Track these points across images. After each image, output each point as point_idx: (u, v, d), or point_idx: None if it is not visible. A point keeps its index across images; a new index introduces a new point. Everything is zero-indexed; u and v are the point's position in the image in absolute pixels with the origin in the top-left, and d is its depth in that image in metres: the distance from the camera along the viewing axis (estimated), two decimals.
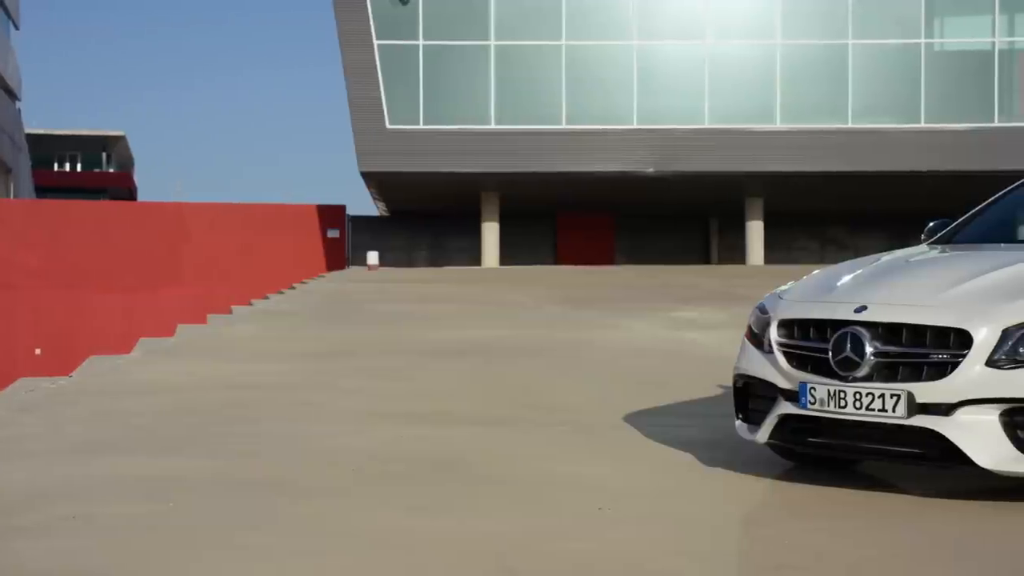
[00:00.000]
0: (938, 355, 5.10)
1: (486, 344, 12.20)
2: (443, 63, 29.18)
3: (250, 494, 5.50)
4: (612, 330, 13.74)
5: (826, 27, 29.10)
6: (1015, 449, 4.98)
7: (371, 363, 10.66)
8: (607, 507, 5.22)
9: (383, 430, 7.22)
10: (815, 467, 5.96)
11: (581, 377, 9.92)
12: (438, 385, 9.37)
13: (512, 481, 5.82)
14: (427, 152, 28.65)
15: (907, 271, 5.93)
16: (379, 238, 36.34)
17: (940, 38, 29.84)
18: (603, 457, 6.41)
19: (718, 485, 5.72)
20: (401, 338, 12.83)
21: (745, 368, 5.85)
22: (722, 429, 6.78)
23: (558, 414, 7.89)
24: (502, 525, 4.93)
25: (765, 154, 28.68)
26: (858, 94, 29.03)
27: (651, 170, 28.84)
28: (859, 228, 36.12)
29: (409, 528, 4.88)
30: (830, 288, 5.75)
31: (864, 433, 5.28)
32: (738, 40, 29.25)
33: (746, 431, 5.87)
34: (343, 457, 6.37)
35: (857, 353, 5.23)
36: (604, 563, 4.40)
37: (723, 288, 20.42)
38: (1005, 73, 29.33)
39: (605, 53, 29.31)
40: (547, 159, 28.78)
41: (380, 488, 5.65)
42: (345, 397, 8.64)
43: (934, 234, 6.78)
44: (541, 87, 29.19)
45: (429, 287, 21.63)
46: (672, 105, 29.08)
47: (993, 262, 5.66)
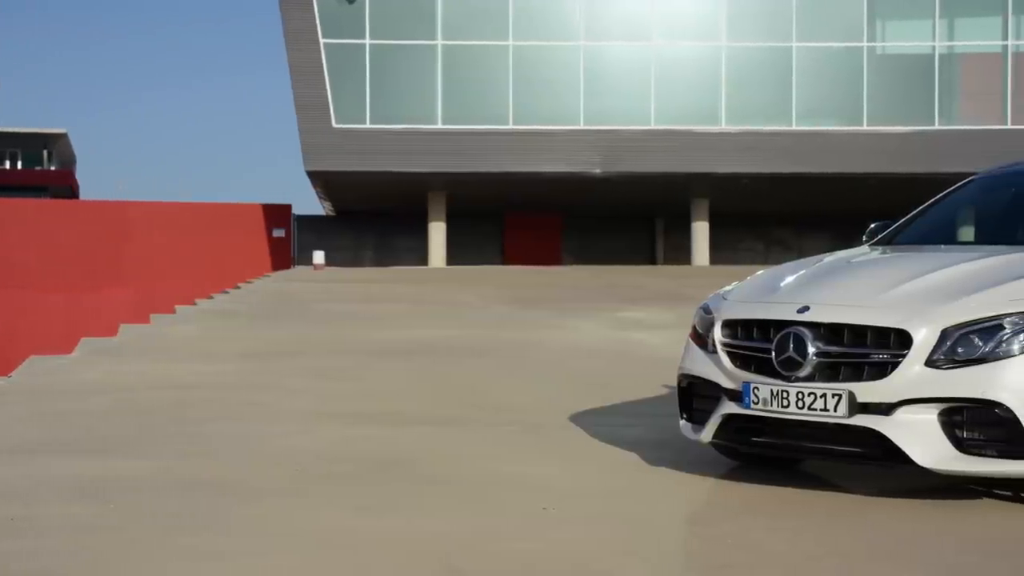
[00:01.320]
0: (879, 355, 5.16)
1: (433, 344, 12.19)
2: (390, 62, 29.10)
3: (195, 495, 5.46)
4: (559, 330, 13.77)
5: (771, 29, 29.35)
6: (953, 448, 5.05)
7: (317, 363, 10.62)
8: (553, 507, 5.23)
9: (330, 430, 7.20)
10: (759, 466, 6.01)
11: (528, 377, 9.94)
12: (385, 385, 9.35)
13: (458, 481, 5.82)
14: (374, 151, 28.56)
15: (849, 272, 6.00)
16: (325, 238, 36.17)
17: (882, 42, 30.20)
18: (550, 457, 6.43)
19: (664, 485, 5.76)
20: (348, 338, 12.78)
21: (689, 368, 5.89)
22: (668, 429, 6.82)
23: (505, 414, 7.90)
24: (448, 525, 4.94)
25: (711, 155, 28.88)
26: (802, 96, 29.30)
27: (598, 171, 28.95)
28: (804, 229, 36.46)
29: (355, 528, 4.87)
30: (773, 289, 5.81)
31: (807, 433, 5.34)
32: (684, 42, 29.43)
33: (690, 431, 5.91)
34: (289, 457, 6.34)
35: (799, 353, 5.28)
36: (549, 563, 4.42)
37: (669, 288, 20.53)
38: (945, 77, 29.74)
39: (552, 54, 29.37)
40: (494, 159, 28.80)
41: (326, 488, 5.63)
42: (291, 397, 8.59)
43: (876, 235, 6.86)
44: (488, 87, 29.20)
45: (376, 287, 21.57)
46: (619, 106, 29.20)
47: (933, 263, 5.75)
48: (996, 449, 5.01)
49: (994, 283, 5.31)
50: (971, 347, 5.05)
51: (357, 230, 36.93)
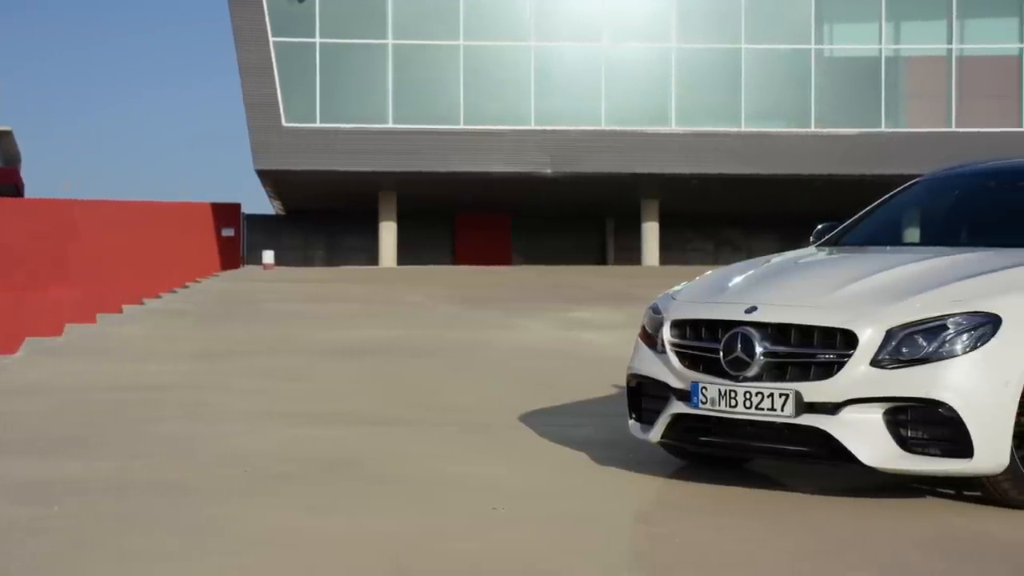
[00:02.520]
0: (825, 355, 5.21)
1: (382, 344, 12.16)
2: (340, 61, 28.98)
3: (142, 496, 5.41)
4: (509, 330, 13.78)
5: (720, 31, 29.52)
6: (898, 447, 5.11)
7: (266, 363, 10.55)
8: (501, 507, 5.23)
9: (278, 430, 7.16)
10: (708, 466, 6.04)
11: (477, 377, 9.94)
12: (334, 385, 9.31)
13: (407, 481, 5.81)
14: (324, 151, 28.43)
15: (796, 272, 6.05)
16: (275, 237, 35.95)
17: (829, 44, 30.47)
18: (498, 457, 6.43)
19: (612, 484, 5.78)
20: (297, 338, 12.72)
21: (638, 368, 5.91)
22: (617, 429, 6.84)
23: (454, 414, 7.89)
24: (396, 525, 4.92)
25: (660, 156, 29.00)
26: (751, 98, 29.50)
27: (548, 171, 28.99)
28: (753, 230, 36.72)
29: (303, 528, 4.84)
30: (722, 289, 5.84)
31: (754, 432, 5.37)
32: (634, 43, 29.54)
33: (639, 430, 5.93)
34: (237, 458, 6.29)
35: (747, 353, 5.32)
36: (498, 563, 4.41)
37: (619, 288, 20.60)
38: (891, 80, 30.06)
39: (503, 54, 29.38)
40: (445, 159, 28.76)
41: (274, 489, 5.60)
42: (239, 397, 8.54)
43: (822, 236, 6.92)
44: (439, 87, 29.15)
45: (325, 287, 21.48)
46: (569, 106, 29.26)
47: (879, 264, 5.81)
48: (939, 448, 5.07)
49: (938, 284, 5.37)
50: (915, 347, 5.11)
51: (307, 230, 36.74)
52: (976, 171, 7.08)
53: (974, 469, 5.06)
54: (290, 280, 23.49)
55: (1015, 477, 5.09)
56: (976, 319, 5.11)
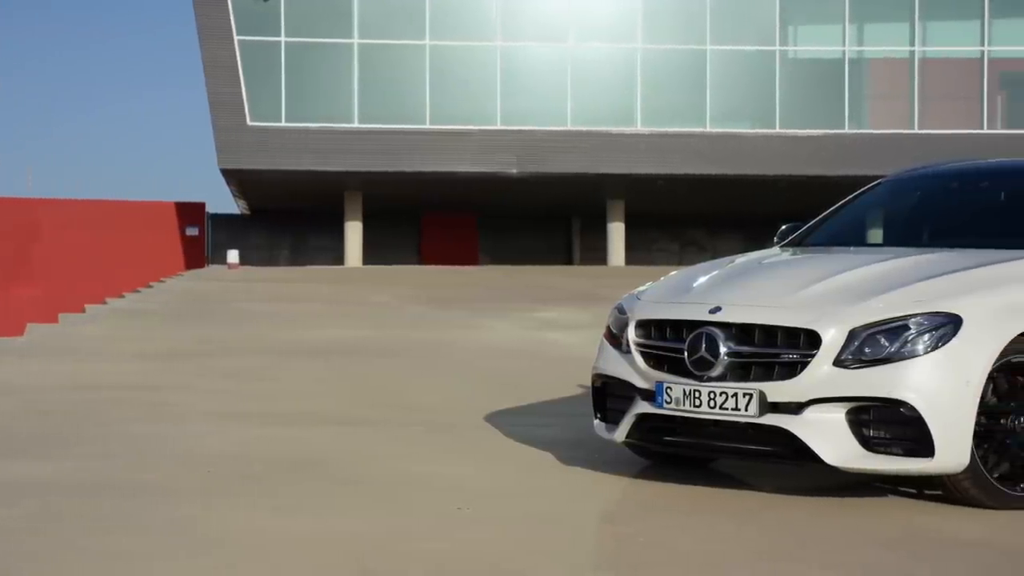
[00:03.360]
0: (789, 355, 5.24)
1: (348, 344, 12.13)
2: (306, 60, 28.88)
3: (105, 497, 5.38)
4: (475, 330, 13.78)
5: (685, 32, 29.62)
6: (860, 447, 5.14)
7: (230, 363, 10.51)
8: (466, 507, 5.23)
9: (241, 431, 7.13)
10: (672, 465, 6.06)
11: (443, 377, 9.93)
12: (299, 385, 9.28)
13: (371, 481, 5.79)
14: (289, 150, 28.32)
15: (760, 273, 6.08)
16: (240, 237, 35.79)
17: (794, 46, 30.63)
18: (464, 457, 6.43)
19: (578, 484, 5.79)
20: (261, 338, 12.67)
21: (603, 368, 5.92)
22: (583, 429, 6.86)
23: (420, 414, 7.88)
24: (360, 525, 4.91)
25: (626, 156, 29.07)
26: (716, 99, 29.62)
27: (514, 171, 29.00)
28: (718, 230, 36.87)
29: (267, 529, 4.82)
30: (686, 289, 5.86)
31: (718, 432, 5.40)
32: (600, 43, 29.59)
33: (604, 430, 5.94)
34: (201, 458, 6.26)
35: (712, 353, 5.34)
36: (462, 563, 4.41)
37: (585, 288, 20.64)
38: (855, 81, 30.26)
39: (469, 54, 29.36)
40: (411, 159, 28.71)
41: (238, 489, 5.57)
42: (203, 398, 8.49)
43: (786, 237, 6.96)
44: (405, 87, 29.10)
45: (291, 286, 21.40)
46: (535, 106, 29.27)
47: (842, 264, 5.84)
48: (901, 447, 5.11)
49: (901, 284, 5.41)
50: (878, 347, 5.15)
51: (272, 229, 36.58)
52: (939, 172, 7.14)
53: (935, 468, 5.10)
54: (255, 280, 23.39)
55: (975, 476, 5.14)
56: (938, 319, 5.16)
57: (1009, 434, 5.23)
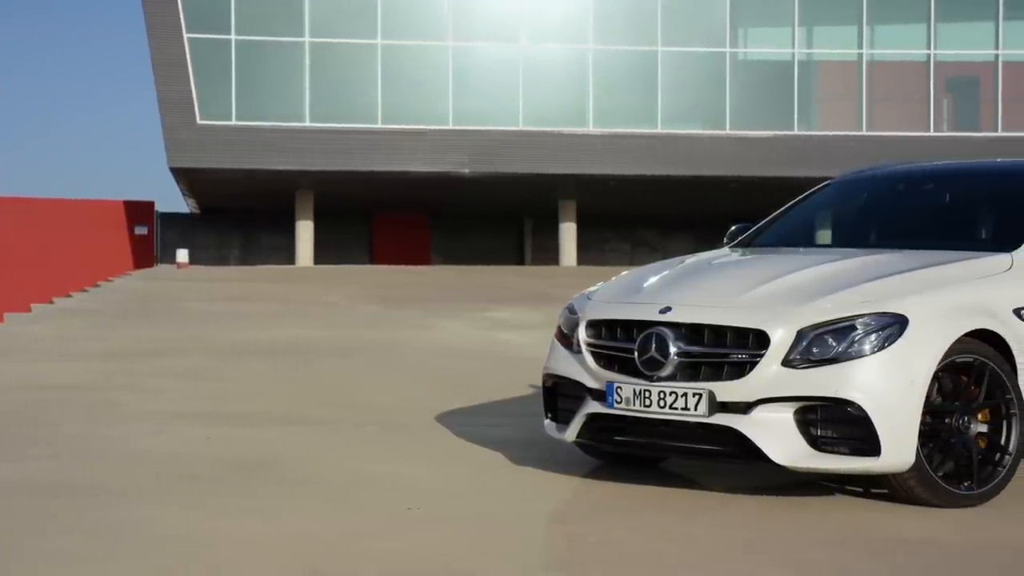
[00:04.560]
0: (738, 355, 5.27)
1: (299, 344, 12.07)
2: (256, 59, 28.70)
3: (51, 498, 5.32)
4: (427, 330, 13.76)
5: (637, 33, 29.74)
6: (808, 446, 5.18)
7: (179, 363, 10.43)
8: (418, 507, 5.23)
9: (190, 431, 7.07)
10: (623, 465, 6.09)
11: (395, 377, 9.91)
12: (249, 385, 9.22)
13: (323, 481, 5.77)
14: (240, 149, 28.13)
15: (710, 273, 6.12)
16: (189, 236, 35.51)
17: (744, 48, 30.84)
18: (415, 457, 6.42)
19: (529, 484, 5.80)
20: (212, 338, 12.58)
21: (554, 368, 5.94)
22: (534, 428, 6.87)
23: (371, 414, 7.86)
24: (310, 526, 4.89)
25: (578, 157, 29.14)
26: (667, 100, 29.76)
27: (466, 171, 28.98)
28: (669, 230, 37.05)
29: (215, 530, 4.79)
30: (637, 289, 5.88)
31: (668, 431, 5.42)
32: (551, 44, 29.64)
33: (555, 430, 5.95)
34: (149, 459, 6.21)
35: (661, 353, 5.36)
36: (412, 563, 4.41)
37: (537, 288, 20.67)
38: (804, 83, 30.51)
39: (421, 53, 29.31)
40: (363, 158, 28.61)
41: (186, 490, 5.53)
42: (152, 398, 8.42)
43: (736, 237, 7.01)
44: (357, 86, 29.00)
45: (241, 286, 21.26)
46: (487, 106, 29.27)
47: (791, 265, 5.89)
48: (848, 446, 5.16)
49: (848, 285, 5.46)
50: (825, 347, 5.19)
51: (223, 228, 36.33)
52: (886, 174, 7.22)
53: (881, 467, 5.16)
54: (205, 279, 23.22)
55: (921, 475, 5.20)
56: (884, 319, 5.21)
57: (954, 433, 5.30)
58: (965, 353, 5.31)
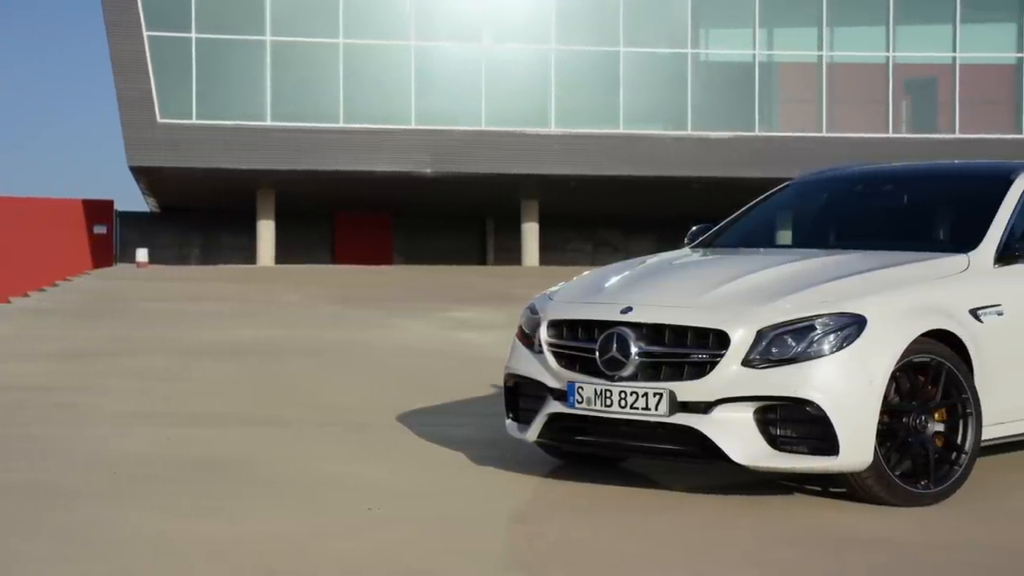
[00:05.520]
0: (698, 355, 5.29)
1: (261, 344, 12.01)
2: (217, 57, 28.52)
3: (6, 499, 5.27)
4: (389, 330, 13.74)
5: (599, 34, 29.79)
6: (768, 445, 5.22)
7: (139, 363, 10.35)
8: (378, 507, 5.22)
9: (150, 432, 7.03)
10: (584, 465, 6.10)
11: (356, 377, 9.89)
12: (209, 385, 9.17)
13: (282, 482, 5.75)
14: (200, 148, 27.95)
15: (670, 273, 6.14)
16: (149, 235, 35.25)
17: (706, 49, 30.98)
18: (377, 457, 6.41)
19: (490, 484, 5.80)
20: (171, 337, 12.50)
21: (516, 368, 5.94)
22: (496, 428, 6.87)
23: (332, 414, 7.84)
24: (270, 526, 4.87)
25: (540, 157, 29.16)
26: (629, 100, 29.84)
27: (428, 171, 28.94)
28: (631, 231, 37.15)
29: (172, 532, 4.76)
30: (598, 289, 5.90)
31: (629, 431, 5.44)
32: (514, 44, 29.65)
33: (516, 430, 5.96)
34: (107, 460, 6.16)
35: (623, 353, 5.38)
36: (371, 563, 4.40)
37: (499, 288, 20.67)
38: (765, 85, 30.68)
39: (383, 53, 29.23)
40: (324, 157, 28.50)
41: (144, 491, 5.49)
42: (110, 398, 8.36)
43: (697, 238, 7.04)
44: (318, 85, 28.88)
45: (201, 285, 21.13)
46: (450, 106, 29.24)
47: (751, 265, 5.92)
48: (807, 446, 5.19)
49: (808, 285, 5.50)
50: (785, 347, 5.23)
51: (183, 228, 36.09)
52: (845, 175, 7.28)
53: (840, 466, 5.20)
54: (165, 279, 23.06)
55: (878, 474, 5.25)
56: (843, 320, 5.25)
57: (911, 432, 5.35)
58: (922, 353, 5.37)
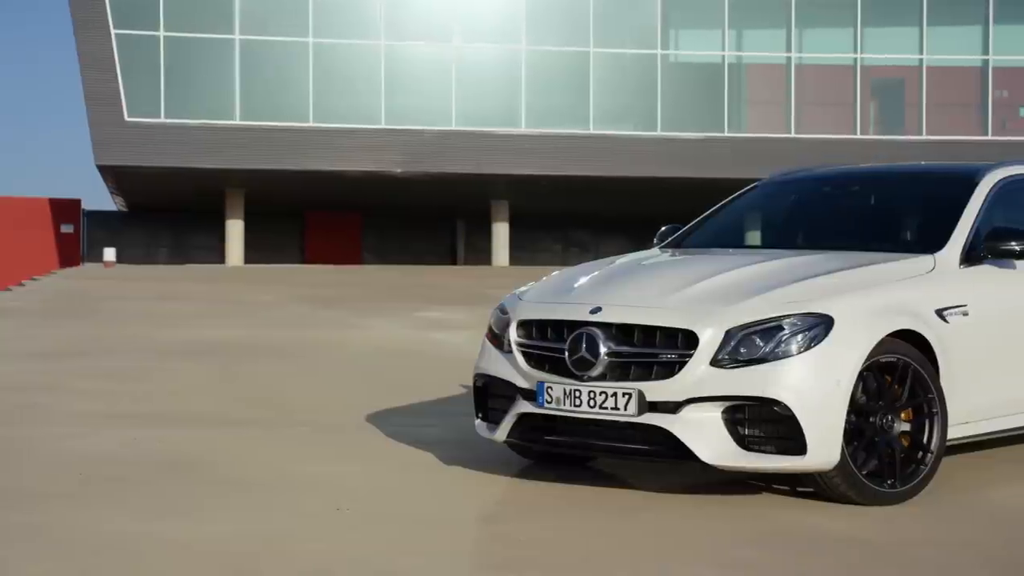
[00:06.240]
0: (667, 355, 5.31)
1: (230, 344, 11.96)
2: (186, 56, 28.38)
3: None
4: (359, 330, 13.71)
5: (569, 34, 29.83)
6: (736, 445, 5.23)
7: (106, 363, 10.29)
8: (347, 507, 5.21)
9: (117, 432, 6.98)
10: (553, 465, 6.10)
11: (326, 377, 9.86)
12: (178, 386, 9.12)
13: (251, 483, 5.73)
14: (168, 146, 27.81)
15: (640, 273, 6.15)
16: (117, 234, 35.04)
17: (675, 50, 31.08)
18: (345, 457, 6.39)
19: (459, 484, 5.79)
20: (139, 337, 12.43)
21: (485, 368, 5.94)
22: (465, 428, 6.87)
23: (302, 414, 7.82)
24: (238, 527, 4.85)
25: (510, 157, 29.17)
26: (599, 101, 29.90)
27: (399, 170, 28.90)
28: (601, 231, 37.22)
29: (140, 533, 4.73)
30: (567, 289, 5.90)
31: (598, 431, 5.45)
32: (484, 44, 29.65)
33: (485, 430, 5.96)
34: (72, 461, 6.12)
35: (592, 353, 5.39)
36: (340, 564, 4.39)
37: (469, 288, 20.66)
38: (734, 86, 30.81)
39: (353, 52, 29.17)
40: (294, 157, 28.41)
41: (111, 492, 5.46)
42: (78, 398, 8.30)
43: (666, 238, 7.06)
44: (288, 84, 28.79)
45: (170, 285, 21.02)
46: (420, 106, 29.21)
47: (719, 265, 5.94)
48: (775, 446, 5.22)
49: (776, 285, 5.52)
50: (753, 347, 5.25)
51: (151, 227, 35.89)
52: (813, 176, 7.32)
53: (807, 466, 5.22)
54: (133, 278, 22.93)
55: (845, 473, 5.27)
56: (810, 320, 5.28)
57: (878, 432, 5.38)
58: (889, 353, 5.40)
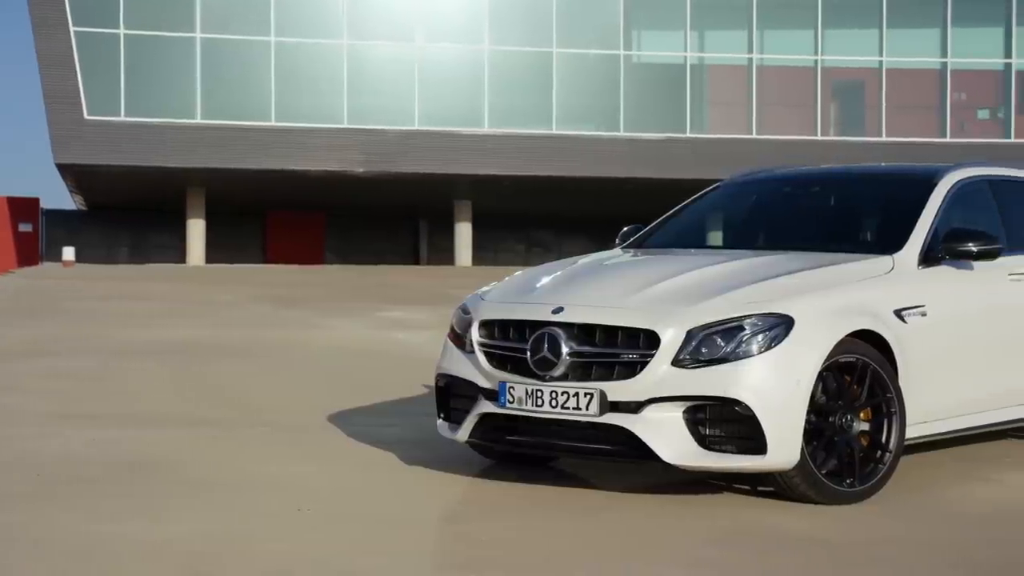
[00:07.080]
0: (629, 355, 5.32)
1: (190, 344, 11.89)
2: (146, 54, 28.18)
3: None
4: (320, 330, 13.66)
5: (532, 35, 29.86)
6: (697, 445, 5.25)
7: (64, 363, 10.20)
8: (308, 507, 5.19)
9: (75, 433, 6.92)
10: (515, 465, 6.11)
11: (287, 377, 9.82)
12: (137, 386, 9.06)
13: (211, 483, 5.69)
14: (129, 145, 27.60)
15: (602, 273, 6.17)
16: (76, 234, 34.74)
17: (637, 50, 31.17)
18: (306, 457, 6.37)
19: (421, 484, 5.79)
20: (99, 337, 12.33)
21: (447, 368, 5.93)
22: (427, 428, 6.86)
23: (263, 415, 7.78)
24: (197, 528, 4.82)
25: (473, 157, 29.16)
26: (562, 101, 29.94)
27: (361, 170, 28.82)
28: (564, 231, 37.27)
29: (97, 534, 4.69)
30: (530, 289, 5.91)
31: (560, 431, 5.45)
32: (447, 44, 29.63)
33: (447, 430, 5.95)
34: (29, 461, 6.07)
35: (554, 353, 5.39)
36: (300, 564, 4.37)
37: (432, 288, 20.64)
38: (696, 87, 30.94)
39: (315, 51, 29.06)
40: (256, 156, 28.27)
41: (69, 493, 5.41)
42: (34, 398, 8.23)
43: (628, 238, 7.08)
44: (250, 83, 28.65)
45: (129, 285, 20.87)
46: (382, 106, 29.14)
47: (681, 265, 5.97)
48: (736, 445, 5.24)
49: (737, 285, 5.55)
50: (714, 347, 5.27)
51: (111, 226, 35.61)
52: (774, 177, 7.36)
53: (767, 465, 5.25)
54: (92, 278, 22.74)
55: (805, 472, 5.31)
56: (770, 320, 5.31)
57: (837, 432, 5.42)
58: (848, 353, 5.44)
